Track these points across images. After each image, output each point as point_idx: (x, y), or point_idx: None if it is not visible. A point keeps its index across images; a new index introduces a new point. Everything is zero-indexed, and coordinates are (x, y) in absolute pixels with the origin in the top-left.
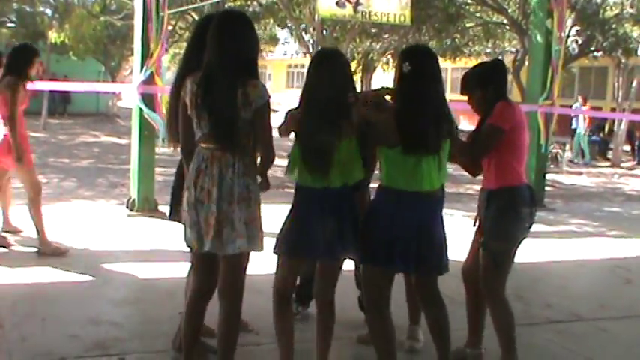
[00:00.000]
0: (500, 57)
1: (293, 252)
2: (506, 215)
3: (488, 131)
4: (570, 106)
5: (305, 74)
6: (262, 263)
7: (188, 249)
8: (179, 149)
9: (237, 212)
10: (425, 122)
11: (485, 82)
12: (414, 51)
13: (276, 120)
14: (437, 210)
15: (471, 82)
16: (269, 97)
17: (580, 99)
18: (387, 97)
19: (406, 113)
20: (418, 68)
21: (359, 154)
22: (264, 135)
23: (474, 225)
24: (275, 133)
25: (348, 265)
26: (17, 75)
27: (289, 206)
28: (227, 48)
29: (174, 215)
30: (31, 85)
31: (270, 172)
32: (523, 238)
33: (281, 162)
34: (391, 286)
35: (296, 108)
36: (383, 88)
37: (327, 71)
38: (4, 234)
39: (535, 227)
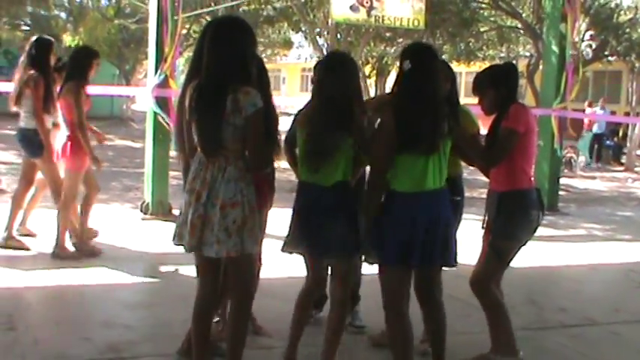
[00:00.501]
0: (514, 61)
1: (299, 249)
2: (517, 217)
3: (506, 134)
4: (583, 111)
5: (316, 75)
6: (276, 267)
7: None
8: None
9: (221, 216)
10: (422, 121)
11: (498, 83)
12: (415, 49)
13: (286, 125)
14: (443, 205)
15: (484, 82)
16: (261, 105)
17: (600, 102)
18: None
19: (404, 111)
20: (418, 67)
21: (353, 154)
22: (253, 142)
23: (482, 227)
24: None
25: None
26: (78, 78)
27: None
28: (217, 54)
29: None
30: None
31: (284, 176)
32: (528, 239)
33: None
34: (409, 287)
35: (302, 109)
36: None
37: (340, 76)
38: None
39: (549, 231)
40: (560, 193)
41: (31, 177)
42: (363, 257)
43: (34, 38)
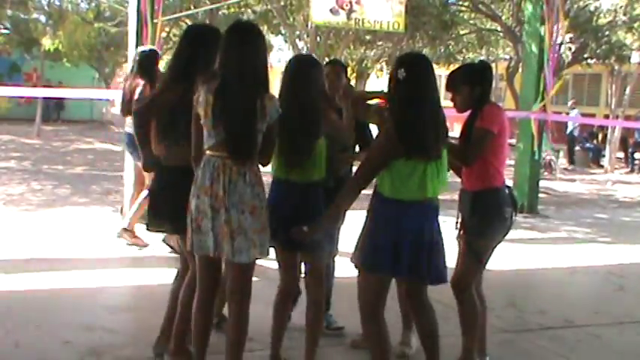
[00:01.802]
0: (493, 64)
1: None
2: (491, 215)
3: (481, 134)
4: (568, 114)
5: (284, 78)
6: (258, 270)
7: (176, 254)
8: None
9: (249, 221)
10: (424, 128)
11: (473, 81)
12: (409, 58)
13: None
14: (435, 217)
15: (458, 79)
16: (281, 111)
17: (570, 103)
18: (376, 101)
19: (405, 120)
20: (414, 75)
21: (325, 154)
22: (272, 147)
23: (456, 228)
24: None
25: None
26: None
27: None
28: (247, 60)
29: (155, 225)
30: (26, 92)
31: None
32: (504, 237)
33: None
34: (387, 293)
35: None
36: (382, 92)
37: (307, 79)
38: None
39: (529, 234)
40: (540, 195)
41: (143, 179)
42: (352, 259)
43: (141, 49)
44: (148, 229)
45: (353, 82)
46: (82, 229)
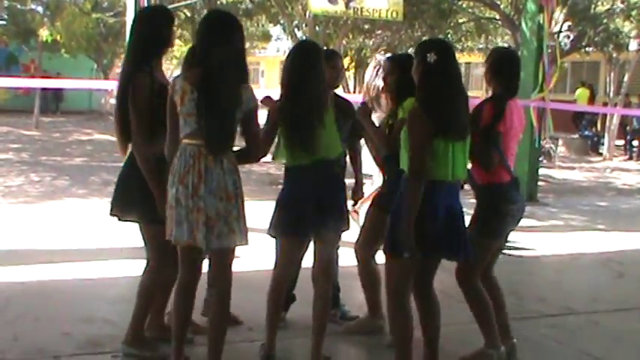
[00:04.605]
0: None
1: (289, 230)
2: (491, 212)
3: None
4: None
5: (287, 64)
6: (259, 261)
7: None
8: (163, 146)
9: (227, 208)
10: (460, 106)
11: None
12: (436, 42)
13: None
14: (459, 197)
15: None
16: (257, 100)
17: None
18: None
19: (441, 100)
20: (444, 57)
21: (337, 129)
22: (255, 135)
23: None
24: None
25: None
26: None
27: None
28: (227, 51)
29: (127, 213)
30: (24, 83)
31: (264, 169)
32: (511, 231)
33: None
34: (412, 276)
35: (277, 101)
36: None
37: (312, 64)
38: None
39: (528, 222)
40: (539, 183)
41: None
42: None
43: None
44: (111, 214)
45: (352, 72)
46: (80, 220)
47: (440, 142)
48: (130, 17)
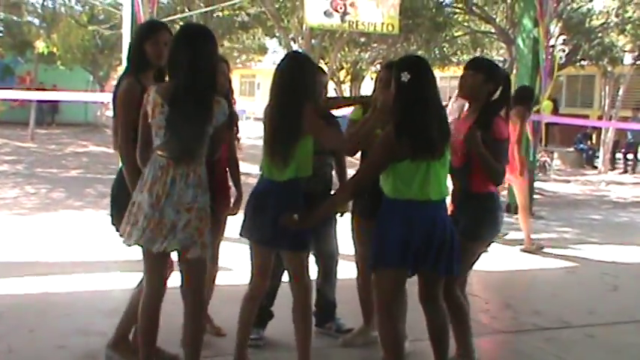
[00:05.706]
0: None
1: (250, 235)
2: (484, 219)
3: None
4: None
5: (277, 76)
6: (242, 275)
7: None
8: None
9: (184, 220)
10: (430, 127)
11: (496, 84)
12: (410, 60)
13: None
14: (445, 215)
15: (483, 69)
16: (227, 113)
17: None
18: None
19: (412, 120)
20: (418, 77)
21: (311, 152)
22: (218, 150)
23: None
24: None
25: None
26: None
27: None
28: (200, 65)
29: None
30: (20, 95)
31: (254, 181)
32: (493, 240)
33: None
34: (402, 291)
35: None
36: (360, 97)
37: (293, 82)
38: None
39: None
40: (535, 196)
41: None
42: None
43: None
44: (112, 224)
45: (348, 85)
46: (76, 232)
47: (407, 163)
48: (126, 29)
